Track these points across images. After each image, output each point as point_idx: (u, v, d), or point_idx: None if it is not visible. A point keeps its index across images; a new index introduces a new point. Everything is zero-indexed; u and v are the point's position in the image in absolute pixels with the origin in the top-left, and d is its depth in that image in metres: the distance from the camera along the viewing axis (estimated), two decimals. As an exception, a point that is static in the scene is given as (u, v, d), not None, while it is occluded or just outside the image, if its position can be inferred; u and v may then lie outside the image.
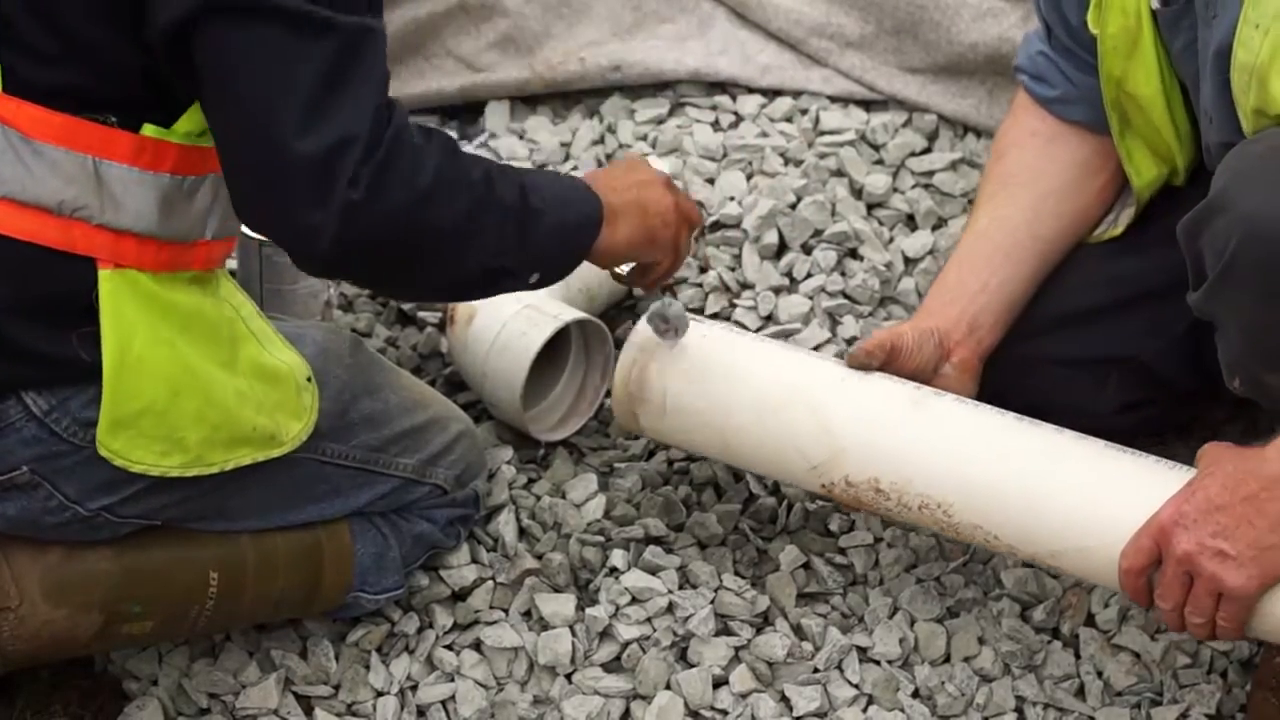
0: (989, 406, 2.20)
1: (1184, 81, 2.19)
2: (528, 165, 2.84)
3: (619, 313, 2.66)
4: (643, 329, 2.27)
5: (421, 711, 2.22)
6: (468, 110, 3.01)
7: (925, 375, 2.25)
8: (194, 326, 2.00)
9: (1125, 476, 2.08)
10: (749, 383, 2.23)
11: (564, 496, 2.38)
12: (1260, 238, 1.88)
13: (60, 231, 1.92)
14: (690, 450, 2.36)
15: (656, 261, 2.16)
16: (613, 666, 2.23)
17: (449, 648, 2.26)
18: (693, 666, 2.22)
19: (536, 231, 1.99)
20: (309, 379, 2.10)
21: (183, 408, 1.98)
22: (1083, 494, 2.08)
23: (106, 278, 1.93)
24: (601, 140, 2.88)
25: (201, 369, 2.00)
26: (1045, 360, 2.36)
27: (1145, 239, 2.31)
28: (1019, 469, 2.12)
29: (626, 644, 2.23)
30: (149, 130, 1.93)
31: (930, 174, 2.77)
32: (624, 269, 2.21)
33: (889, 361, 2.21)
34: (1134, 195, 2.34)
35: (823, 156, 2.76)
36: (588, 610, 2.25)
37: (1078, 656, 2.26)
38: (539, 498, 2.38)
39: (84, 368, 1.95)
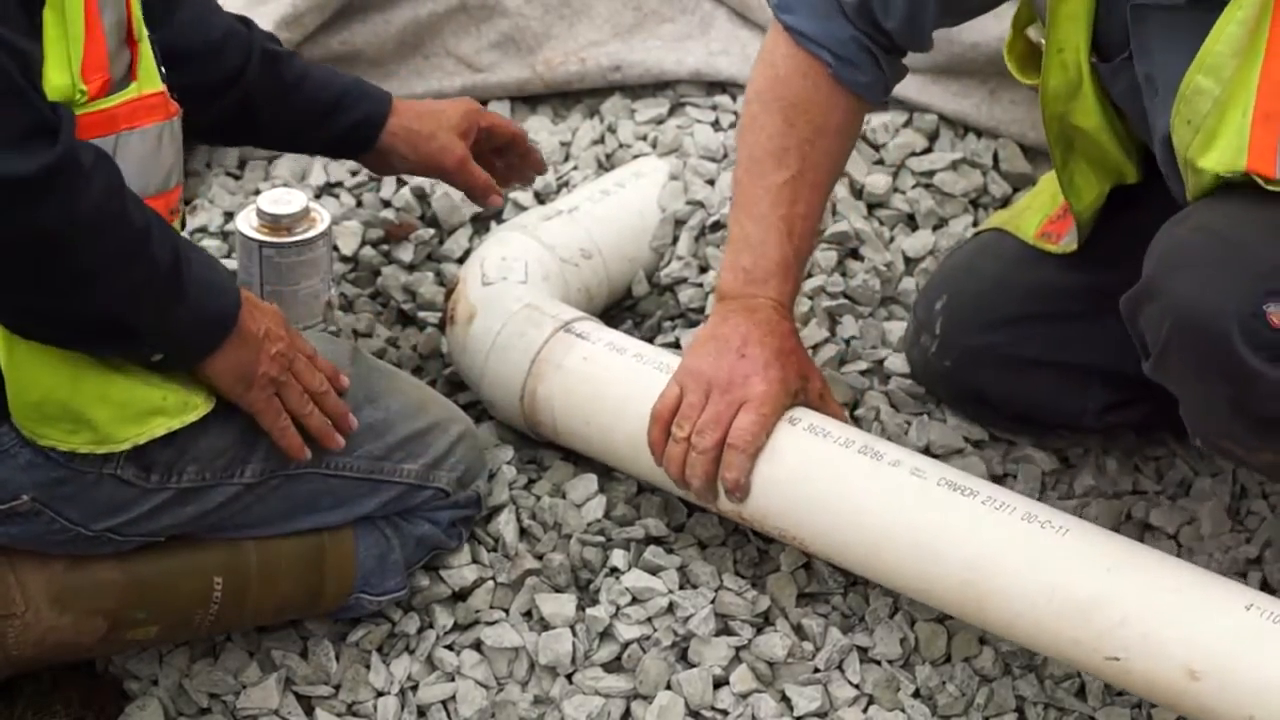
0: (841, 429, 2.21)
1: (1127, 112, 2.19)
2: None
3: (619, 312, 2.66)
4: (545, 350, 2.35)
5: (422, 711, 2.22)
6: (468, 110, 3.01)
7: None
8: None
9: (955, 517, 2.10)
10: (623, 414, 2.29)
11: (564, 497, 2.38)
12: (1190, 326, 1.91)
13: None
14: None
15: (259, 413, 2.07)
16: (613, 666, 2.23)
17: (449, 648, 2.26)
18: (693, 666, 2.22)
19: (177, 304, 1.94)
20: None
21: (85, 392, 1.96)
22: (914, 536, 2.11)
23: None
24: (602, 140, 2.88)
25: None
26: (1024, 362, 2.37)
27: (1113, 253, 2.29)
28: (856, 508, 2.14)
29: (627, 644, 2.23)
30: None
31: (931, 174, 2.76)
32: None
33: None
34: (1075, 218, 2.34)
35: (823, 156, 2.75)
36: (588, 610, 2.25)
37: (1078, 656, 2.26)
38: (539, 498, 2.38)
39: None
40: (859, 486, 2.15)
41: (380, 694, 2.22)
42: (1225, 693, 1.93)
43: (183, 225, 2.13)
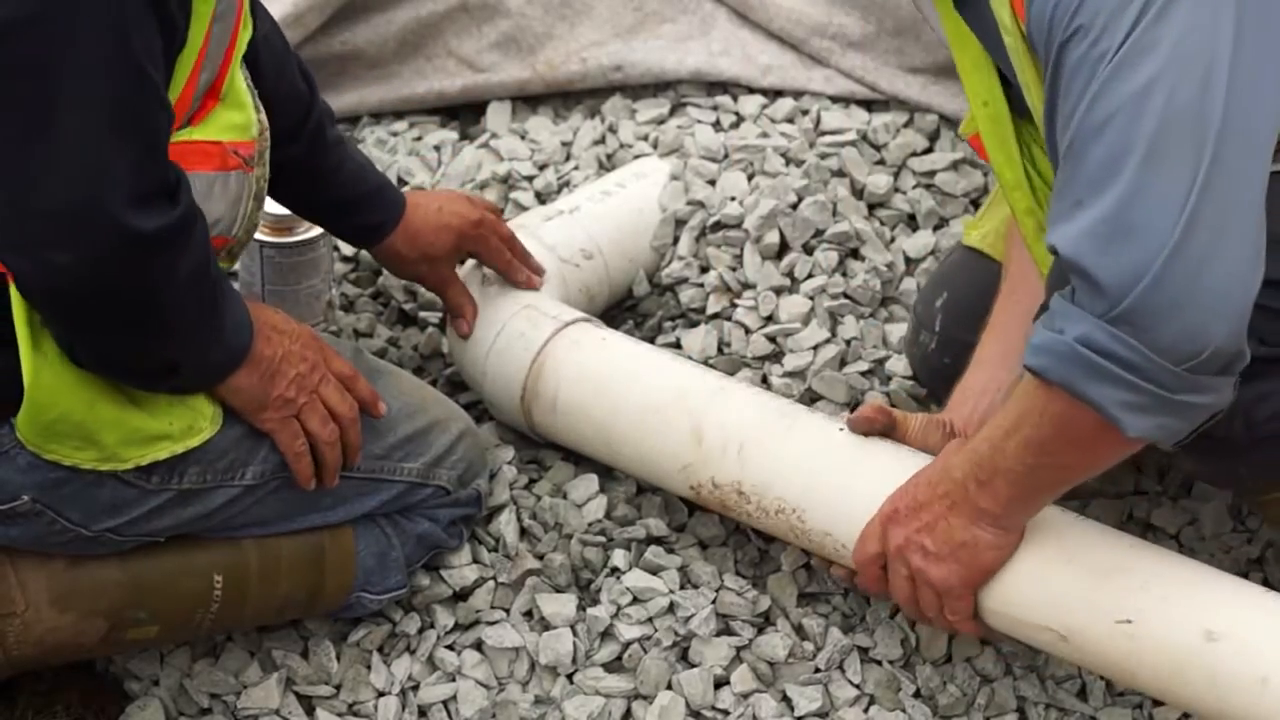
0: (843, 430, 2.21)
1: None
2: (528, 166, 2.84)
3: (619, 313, 2.66)
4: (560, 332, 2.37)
5: (423, 711, 2.22)
6: (469, 110, 3.01)
7: None
8: None
9: None
10: (636, 384, 2.32)
11: (565, 497, 2.38)
12: None
13: None
14: (574, 447, 2.41)
15: (274, 434, 2.09)
16: (614, 666, 2.23)
17: (450, 648, 2.26)
18: (694, 666, 2.22)
19: (216, 344, 1.99)
20: None
21: (99, 417, 1.97)
22: None
23: (17, 298, 1.91)
24: (602, 140, 2.88)
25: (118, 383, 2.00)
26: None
27: None
28: (867, 485, 2.13)
29: (628, 644, 2.23)
30: None
31: (932, 174, 2.76)
32: None
33: (892, 435, 2.20)
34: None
35: (824, 157, 2.76)
36: (589, 610, 2.25)
37: (1079, 657, 2.26)
38: (540, 498, 2.38)
39: None
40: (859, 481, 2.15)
41: (381, 694, 2.22)
42: (1242, 654, 1.93)
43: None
